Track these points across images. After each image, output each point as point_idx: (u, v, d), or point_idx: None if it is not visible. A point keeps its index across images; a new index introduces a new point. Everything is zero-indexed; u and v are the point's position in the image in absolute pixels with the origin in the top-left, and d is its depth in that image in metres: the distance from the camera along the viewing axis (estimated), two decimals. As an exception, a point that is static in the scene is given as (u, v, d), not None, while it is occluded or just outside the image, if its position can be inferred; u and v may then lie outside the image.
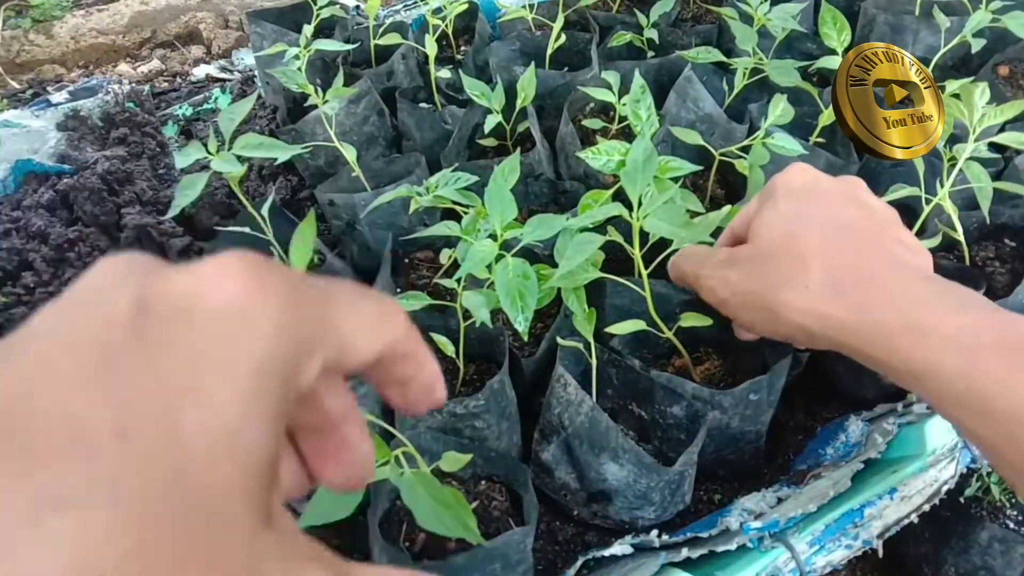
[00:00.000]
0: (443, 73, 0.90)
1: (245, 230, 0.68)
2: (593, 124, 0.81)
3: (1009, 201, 0.71)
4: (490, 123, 0.82)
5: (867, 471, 0.61)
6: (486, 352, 0.65)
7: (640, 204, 0.52)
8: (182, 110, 1.22)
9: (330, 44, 0.83)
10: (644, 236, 0.55)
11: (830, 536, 0.59)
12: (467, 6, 1.00)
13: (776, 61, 0.79)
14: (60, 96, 1.14)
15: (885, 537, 0.63)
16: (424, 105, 0.95)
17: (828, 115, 0.73)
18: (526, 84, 0.81)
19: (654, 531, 0.55)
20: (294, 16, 1.09)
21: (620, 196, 0.55)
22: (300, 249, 0.44)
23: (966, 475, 0.68)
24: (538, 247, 0.67)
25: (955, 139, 0.62)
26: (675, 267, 0.57)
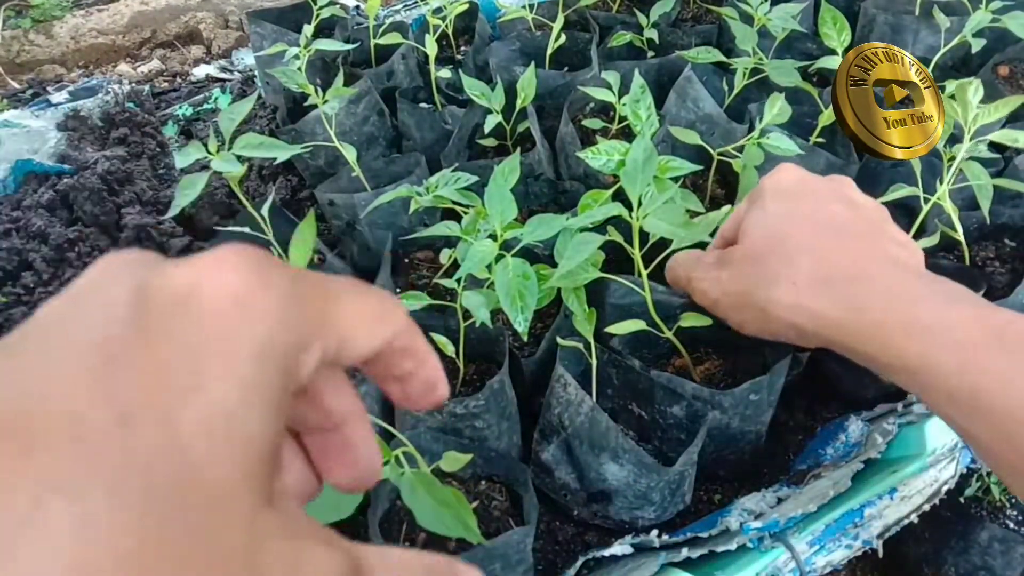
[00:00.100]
0: (443, 73, 0.90)
1: (245, 230, 0.67)
2: (593, 124, 0.81)
3: (1009, 201, 0.71)
4: (490, 123, 0.82)
5: (867, 471, 0.61)
6: (486, 352, 0.65)
7: (640, 204, 0.52)
8: (182, 110, 1.22)
9: (330, 44, 0.83)
10: (644, 236, 0.55)
11: (830, 536, 0.59)
12: (467, 6, 1.00)
13: (776, 61, 0.79)
14: (60, 96, 1.14)
15: (885, 537, 0.63)
16: (424, 105, 0.95)
17: (828, 115, 0.73)
18: (526, 84, 0.81)
19: (654, 531, 0.55)
20: (294, 16, 1.09)
21: (620, 196, 0.55)
22: (300, 249, 0.44)
23: (966, 475, 0.68)
24: (538, 247, 0.67)
25: (955, 139, 0.62)
26: (670, 271, 0.58)
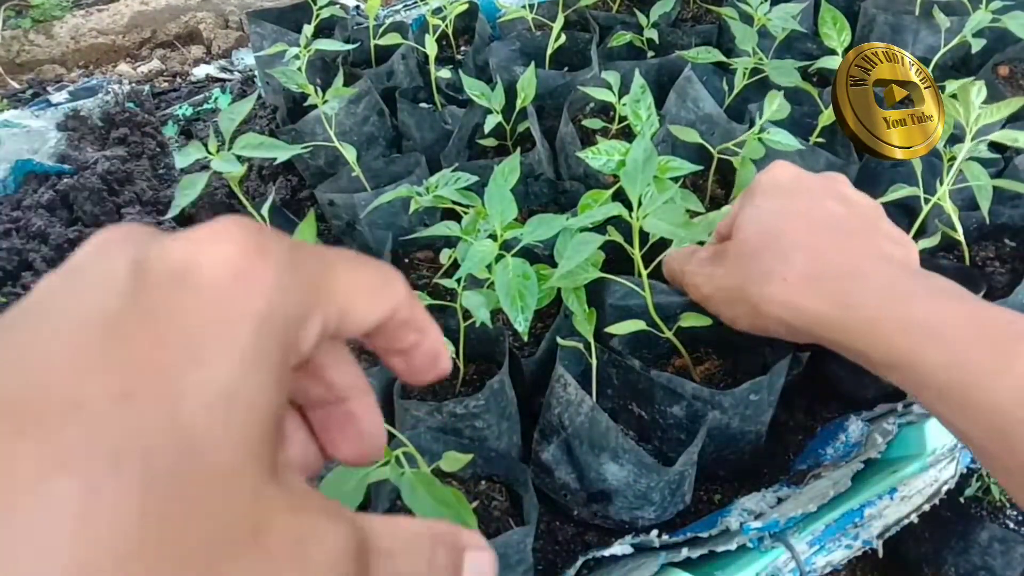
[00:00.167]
0: (443, 73, 0.90)
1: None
2: (593, 124, 0.81)
3: (1009, 201, 0.71)
4: (490, 123, 0.82)
5: (867, 471, 0.60)
6: (486, 352, 0.65)
7: (640, 204, 0.52)
8: (182, 110, 1.22)
9: (330, 44, 0.83)
10: (644, 236, 0.55)
11: (830, 536, 0.59)
12: (467, 6, 1.00)
13: (776, 61, 0.79)
14: (60, 96, 1.14)
15: (885, 537, 0.63)
16: (424, 105, 0.95)
17: (828, 115, 0.73)
18: (526, 84, 0.81)
19: (654, 531, 0.55)
20: (294, 16, 1.09)
21: (620, 196, 0.55)
22: (300, 249, 0.44)
23: (966, 475, 0.68)
24: (538, 247, 0.67)
25: (955, 139, 0.62)
26: (666, 266, 0.58)
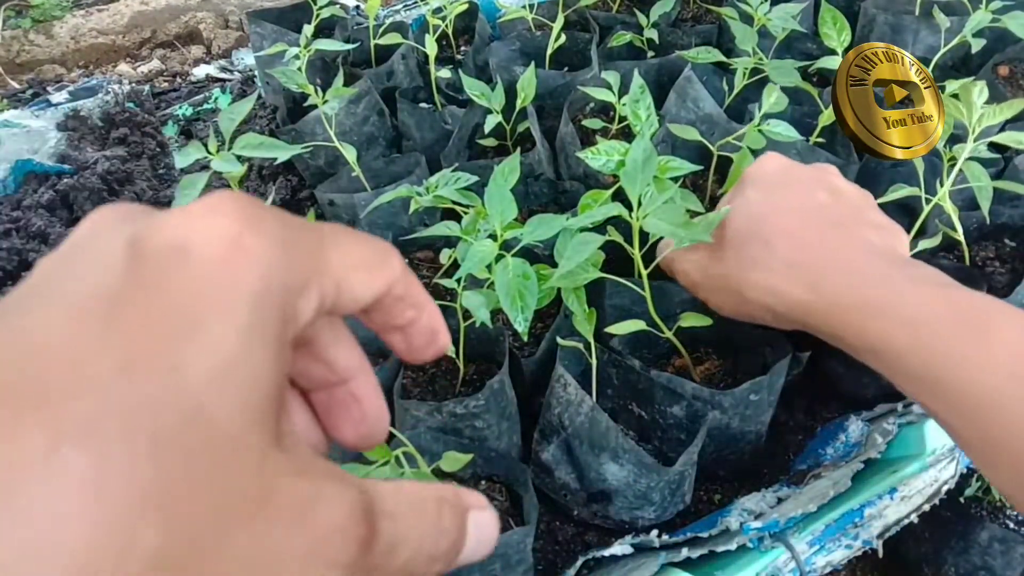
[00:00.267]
0: (443, 73, 0.90)
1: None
2: (593, 124, 0.81)
3: (1009, 201, 0.71)
4: (490, 123, 0.82)
5: (867, 471, 0.61)
6: (486, 352, 0.65)
7: (640, 204, 0.52)
8: (182, 110, 1.22)
9: (330, 44, 0.83)
10: (644, 236, 0.55)
11: (830, 536, 0.59)
12: (467, 6, 1.00)
13: (776, 61, 0.79)
14: (60, 96, 1.14)
15: (885, 537, 0.63)
16: (424, 105, 0.95)
17: (828, 115, 0.73)
18: (526, 84, 0.81)
19: (654, 531, 0.55)
20: (294, 16, 1.09)
21: (620, 196, 0.55)
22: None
23: (966, 475, 0.68)
24: (538, 247, 0.67)
25: (955, 139, 0.62)
26: (659, 253, 0.59)
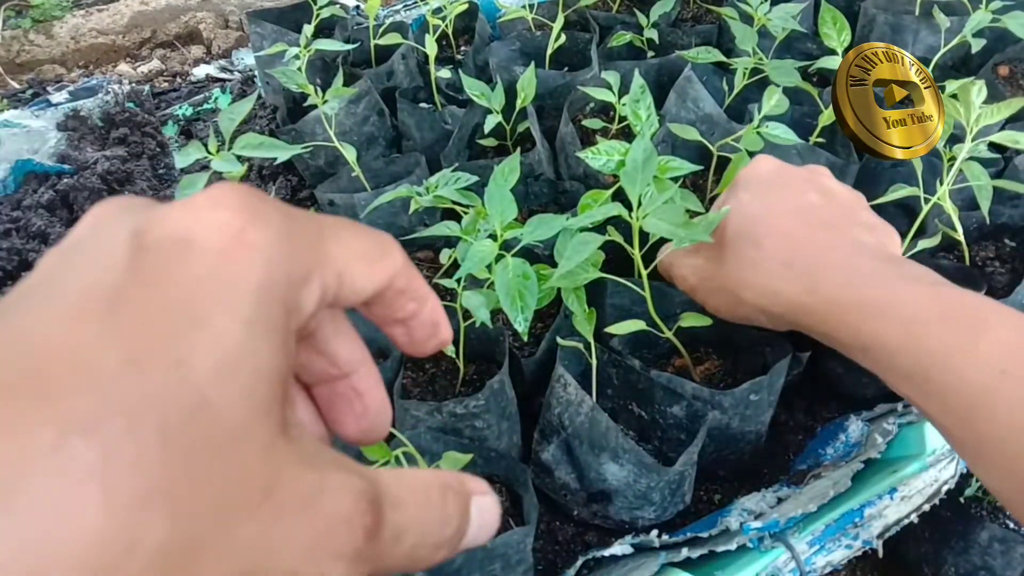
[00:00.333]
0: (443, 73, 0.90)
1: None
2: (593, 124, 0.81)
3: (1009, 201, 0.71)
4: (490, 123, 0.82)
5: (867, 471, 0.61)
6: (486, 352, 0.65)
7: (640, 204, 0.52)
8: (182, 110, 1.22)
9: (330, 44, 0.83)
10: (644, 236, 0.55)
11: (830, 536, 0.59)
12: (467, 6, 1.00)
13: (776, 61, 0.79)
14: (60, 96, 1.14)
15: (885, 537, 0.63)
16: (424, 105, 0.95)
17: (828, 115, 0.73)
18: (526, 84, 0.81)
19: (654, 531, 0.55)
20: (294, 16, 1.09)
21: (620, 196, 0.55)
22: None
23: (966, 475, 0.68)
24: (538, 247, 0.67)
25: (955, 139, 0.62)
26: (659, 259, 0.60)
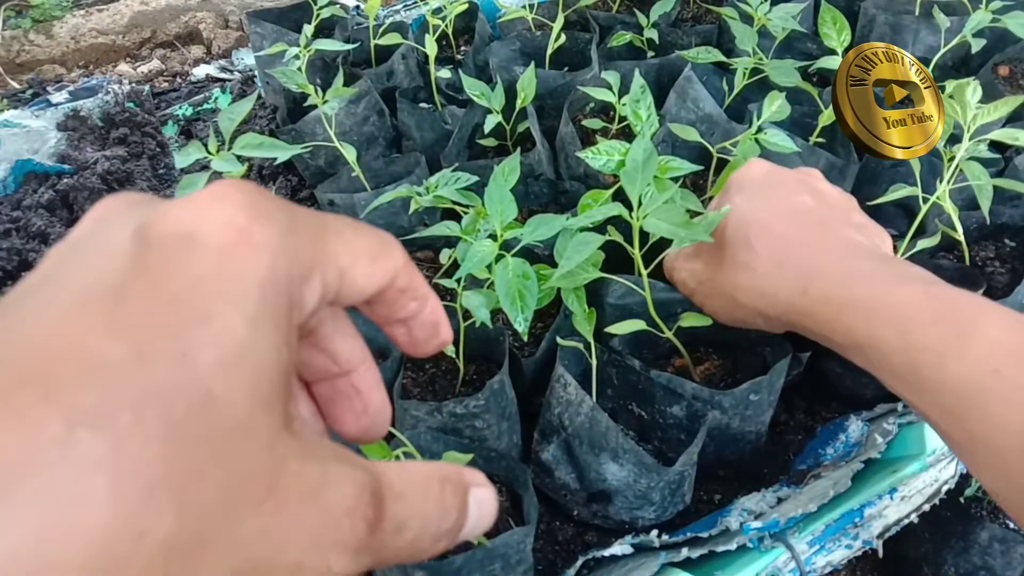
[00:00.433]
0: (443, 73, 0.90)
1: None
2: (593, 124, 0.81)
3: (1009, 201, 0.71)
4: (490, 123, 0.82)
5: (867, 471, 0.61)
6: (486, 352, 0.65)
7: (640, 204, 0.52)
8: (182, 110, 1.22)
9: (330, 44, 0.83)
10: (644, 236, 0.55)
11: (830, 536, 0.59)
12: (467, 6, 1.00)
13: (776, 61, 0.79)
14: (60, 96, 1.14)
15: (885, 537, 0.63)
16: (424, 105, 0.95)
17: (828, 115, 0.73)
18: (526, 84, 0.81)
19: (654, 531, 0.55)
20: (294, 16, 1.09)
21: (620, 196, 0.55)
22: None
23: (966, 475, 0.68)
24: (538, 247, 0.67)
25: (955, 139, 0.62)
26: (664, 262, 0.60)
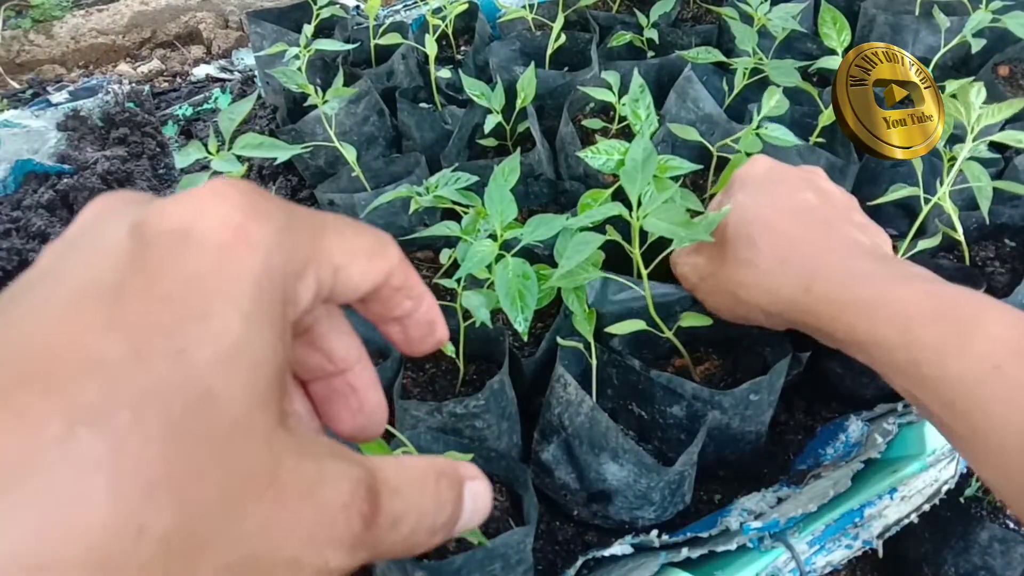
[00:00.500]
0: (443, 73, 0.90)
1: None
2: (593, 124, 0.81)
3: (1009, 201, 0.71)
4: (490, 123, 0.82)
5: (867, 471, 0.60)
6: (486, 352, 0.65)
7: (640, 204, 0.52)
8: (182, 110, 1.22)
9: (330, 44, 0.83)
10: (644, 236, 0.55)
11: (830, 536, 0.59)
12: (467, 6, 1.00)
13: (776, 61, 0.79)
14: (60, 96, 1.14)
15: (885, 537, 0.63)
16: (424, 105, 0.95)
17: (828, 115, 0.73)
18: (526, 84, 0.81)
19: (654, 531, 0.55)
20: (294, 16, 1.09)
21: (620, 196, 0.55)
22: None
23: (966, 475, 0.68)
24: (538, 247, 0.67)
25: (955, 139, 0.62)
26: (671, 257, 0.60)
